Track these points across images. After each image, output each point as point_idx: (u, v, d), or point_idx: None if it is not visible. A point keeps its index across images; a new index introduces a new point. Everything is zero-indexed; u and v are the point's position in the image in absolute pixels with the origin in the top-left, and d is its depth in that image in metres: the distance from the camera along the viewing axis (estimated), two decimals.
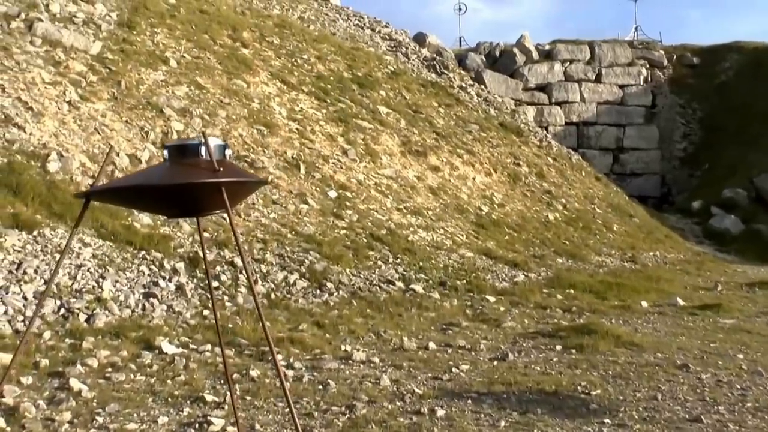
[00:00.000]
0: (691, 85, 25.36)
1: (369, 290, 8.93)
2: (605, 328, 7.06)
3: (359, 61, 17.44)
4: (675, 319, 8.84)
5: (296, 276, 8.56)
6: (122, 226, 7.77)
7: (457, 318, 8.15)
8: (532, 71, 24.18)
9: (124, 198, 3.37)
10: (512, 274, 11.38)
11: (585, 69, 24.74)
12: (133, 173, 3.69)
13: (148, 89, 10.35)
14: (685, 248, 17.62)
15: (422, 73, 19.77)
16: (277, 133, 11.98)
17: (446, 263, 10.82)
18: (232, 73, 12.70)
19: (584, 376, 5.54)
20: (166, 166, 3.11)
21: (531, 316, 8.69)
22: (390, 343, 6.62)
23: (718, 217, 19.47)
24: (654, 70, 25.53)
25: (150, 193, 3.09)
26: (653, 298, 10.37)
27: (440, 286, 9.74)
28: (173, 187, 2.99)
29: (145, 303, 6.70)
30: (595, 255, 14.39)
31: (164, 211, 3.71)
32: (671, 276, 13.24)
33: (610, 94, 24.74)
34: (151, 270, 7.32)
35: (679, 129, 24.70)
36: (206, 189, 2.99)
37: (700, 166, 23.44)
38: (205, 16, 13.92)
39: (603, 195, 18.98)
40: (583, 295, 10.28)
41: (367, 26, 21.17)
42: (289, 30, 16.57)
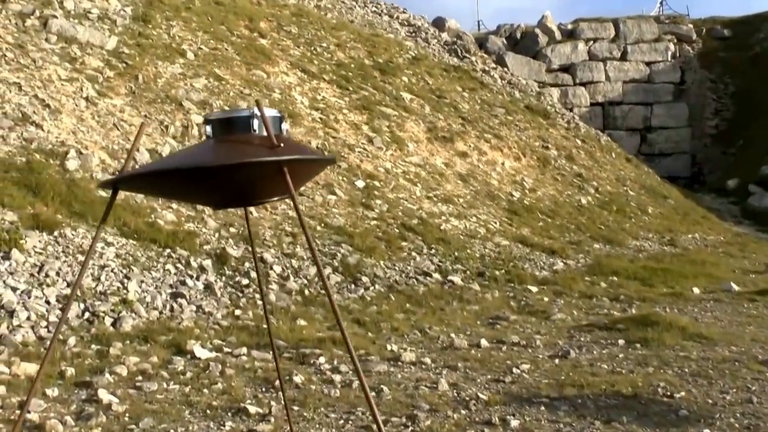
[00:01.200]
0: (722, 58, 24.68)
1: (406, 283, 8.55)
2: (668, 319, 6.61)
3: (379, 48, 17.04)
4: (734, 306, 8.38)
5: (329, 270, 8.20)
6: (145, 224, 7.44)
7: (502, 311, 7.76)
8: (555, 52, 23.66)
9: (159, 185, 2.83)
10: (551, 261, 10.96)
11: (610, 47, 24.17)
12: (167, 156, 3.17)
13: (166, 83, 10.01)
14: (724, 229, 17.11)
15: (444, 57, 19.33)
16: (301, 123, 11.61)
17: (482, 252, 10.43)
18: (251, 63, 12.34)
19: (659, 376, 5.11)
20: (209, 144, 2.68)
21: (578, 306, 8.27)
22: (437, 340, 6.23)
23: (757, 196, 18.91)
24: (682, 45, 24.89)
25: (192, 177, 2.59)
26: (703, 284, 9.91)
27: (479, 276, 9.34)
28: (221, 169, 2.50)
29: (173, 304, 6.36)
30: (633, 239, 13.94)
31: (208, 200, 3.09)
32: (716, 259, 12.76)
33: (637, 72, 24.16)
34: (177, 269, 6.98)
35: (710, 105, 24.06)
36: (264, 170, 2.55)
37: (734, 144, 22.81)
38: (220, 8, 13.56)
39: (635, 176, 18.48)
40: (629, 283, 9.85)
41: (385, 13, 20.75)
42: (306, 18, 16.18)
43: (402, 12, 21.25)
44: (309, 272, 7.99)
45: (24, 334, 5.28)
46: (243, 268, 7.50)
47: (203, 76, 10.75)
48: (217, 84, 10.83)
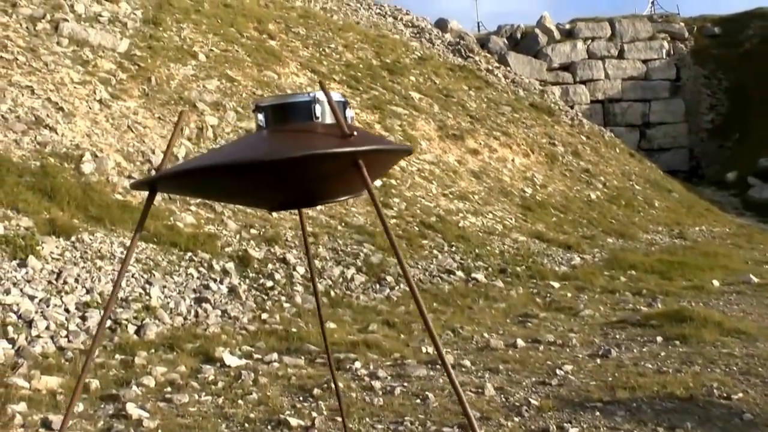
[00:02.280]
0: (714, 55, 24.25)
1: (430, 282, 8.08)
2: (702, 314, 6.12)
3: (386, 48, 16.56)
4: (758, 298, 7.91)
5: (353, 270, 7.72)
6: (164, 227, 6.96)
7: (529, 308, 7.28)
8: (555, 51, 23.20)
9: (205, 185, 2.33)
10: (568, 256, 10.49)
11: (607, 46, 23.72)
12: (211, 151, 2.61)
13: (178, 84, 9.52)
14: (727, 221, 16.65)
15: (448, 57, 18.85)
16: None
17: (501, 249, 9.96)
18: (262, 64, 11.86)
19: (708, 375, 4.63)
20: (262, 135, 2.20)
21: (603, 302, 7.80)
22: (471, 341, 5.76)
23: (757, 188, 18.46)
24: (675, 43, 24.45)
25: (246, 174, 2.11)
26: (720, 276, 9.43)
27: (501, 273, 8.87)
28: (284, 164, 2.02)
29: (197, 309, 5.87)
30: (643, 233, 13.47)
31: (263, 201, 2.54)
32: (726, 251, 12.28)
33: (634, 70, 23.70)
34: (200, 272, 6.50)
35: (705, 101, 23.63)
36: (335, 164, 2.08)
37: (730, 137, 22.38)
38: (229, 10, 13.07)
39: (639, 171, 18.02)
40: (648, 277, 9.36)
41: (389, 14, 20.27)
42: (313, 20, 15.70)
43: (405, 14, 20.78)
44: (333, 273, 7.51)
45: (43, 344, 4.79)
46: (266, 270, 7.03)
47: (215, 78, 10.26)
48: (229, 85, 10.34)
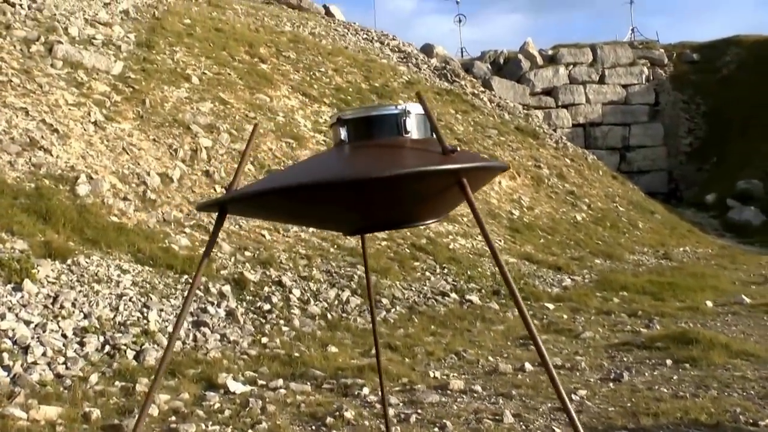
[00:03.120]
0: (692, 81, 24.43)
1: (425, 304, 7.89)
2: (707, 337, 5.98)
3: (375, 72, 16.47)
4: (754, 319, 7.79)
5: (348, 293, 7.52)
6: (160, 249, 6.75)
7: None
8: (538, 76, 23.24)
9: (282, 206, 2.10)
10: (558, 278, 10.35)
11: (588, 71, 23.81)
12: (287, 168, 2.38)
13: (173, 107, 9.33)
14: (709, 242, 16.62)
15: (435, 81, 18.80)
16: (306, 145, 10.98)
17: (492, 270, 9.79)
18: (254, 87, 11.71)
19: (728, 400, 4.46)
20: (345, 150, 2.02)
21: (600, 323, 7.65)
22: (477, 365, 5.58)
23: (736, 210, 18.48)
24: (655, 69, 24.60)
25: (331, 194, 1.90)
26: (711, 297, 9.32)
27: (494, 295, 8.71)
28: (378, 183, 1.81)
29: (196, 333, 5.65)
30: (629, 254, 13.38)
31: (344, 224, 2.25)
32: (713, 272, 12.19)
33: (615, 95, 23.80)
34: (196, 295, 6.28)
35: (683, 125, 23.75)
36: (435, 182, 1.90)
37: (708, 160, 22.47)
38: (221, 34, 12.94)
39: (622, 193, 17.98)
40: (640, 298, 9.24)
41: (376, 39, 20.21)
42: (303, 45, 15.59)
43: (392, 39, 20.73)
44: (329, 295, 7.32)
45: (41, 372, 4.56)
46: (263, 293, 6.82)
47: (209, 100, 10.09)
48: (222, 108, 10.17)
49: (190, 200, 7.81)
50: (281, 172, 2.52)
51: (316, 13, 20.43)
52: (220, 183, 8.50)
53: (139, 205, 7.19)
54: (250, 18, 15.62)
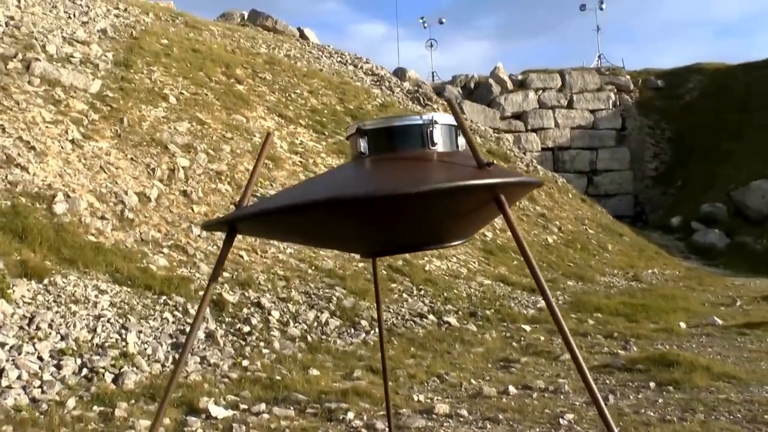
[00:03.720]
0: (657, 106, 24.78)
1: (404, 326, 7.79)
2: (688, 359, 5.94)
3: (349, 95, 16.43)
4: (728, 341, 7.80)
5: (327, 314, 7.40)
6: (138, 269, 6.57)
7: (508, 352, 7.05)
8: (508, 100, 23.40)
9: (297, 226, 1.93)
10: (533, 299, 10.31)
11: (557, 96, 24.03)
12: (301, 184, 2.19)
13: (150, 126, 9.17)
14: (676, 264, 16.75)
15: (408, 105, 18.81)
16: (282, 166, 10.86)
17: (468, 292, 9.74)
18: (231, 108, 11.58)
19: (716, 423, 4.40)
20: (365, 165, 1.88)
21: (578, 345, 7.54)
22: (460, 388, 5.48)
23: (701, 232, 18.67)
24: (621, 95, 24.91)
25: (352, 212, 1.74)
26: (684, 318, 9.34)
27: (471, 317, 8.64)
28: (404, 199, 1.67)
29: (175, 355, 5.49)
30: (600, 276, 13.42)
31: (362, 245, 2.06)
32: (682, 293, 12.25)
33: (582, 119, 24.03)
34: (175, 317, 6.11)
35: (649, 149, 24.04)
36: (469, 199, 1.77)
37: (673, 184, 22.74)
38: (198, 55, 12.80)
39: (591, 216, 18.09)
40: (614, 319, 9.22)
41: (350, 62, 20.20)
42: (278, 66, 15.51)
43: (365, 62, 20.74)
44: (308, 317, 7.18)
45: (16, 396, 4.37)
46: (242, 314, 6.67)
47: (186, 120, 9.94)
48: (200, 128, 10.03)
49: (168, 220, 7.65)
50: (294, 188, 2.35)
51: (290, 36, 20.39)
52: (198, 203, 8.35)
53: (117, 224, 7.01)
54: (226, 39, 15.52)
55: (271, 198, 2.13)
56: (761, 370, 6.11)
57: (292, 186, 2.39)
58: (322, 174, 2.19)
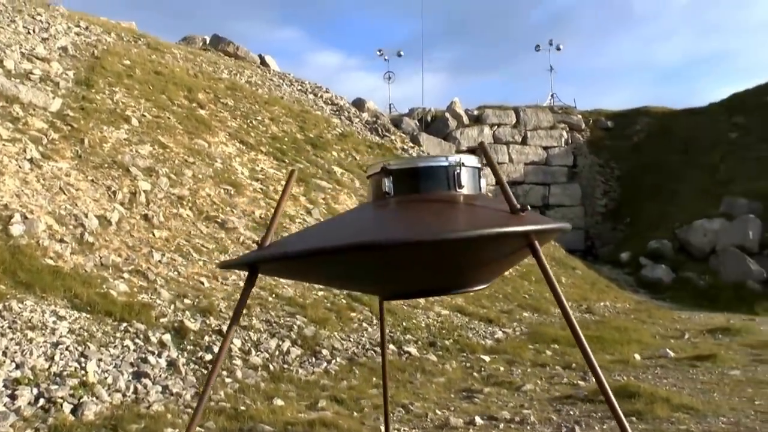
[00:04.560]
0: (607, 146, 25.25)
1: (365, 355, 7.65)
2: (647, 390, 5.96)
3: (309, 123, 16.33)
4: (681, 372, 7.87)
5: (288, 343, 7.23)
6: (98, 295, 6.32)
7: (469, 382, 6.97)
8: (464, 134, 23.59)
9: (320, 268, 1.83)
10: (490, 330, 10.28)
11: (512, 132, 24.31)
12: (318, 226, 2.06)
13: (112, 148, 8.93)
14: (626, 297, 16.93)
15: (367, 135, 18.79)
16: (243, 192, 10.68)
17: (427, 322, 9.65)
18: (193, 132, 11.38)
19: None
20: (391, 206, 1.77)
21: (537, 376, 7.57)
22: (426, 418, 5.36)
23: (649, 267, 18.97)
24: (573, 133, 25.32)
25: (383, 256, 1.64)
26: (637, 350, 9.42)
27: (431, 346, 8.55)
28: (438, 245, 1.58)
29: (136, 384, 5.26)
30: (555, 307, 13.44)
31: (384, 288, 2.02)
32: (634, 326, 12.36)
33: (536, 155, 24.34)
34: (136, 344, 5.88)
35: (599, 187, 24.43)
36: (501, 245, 1.67)
37: (622, 221, 23.13)
38: (160, 77, 12.59)
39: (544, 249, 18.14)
40: (572, 350, 9.21)
41: (310, 91, 20.14)
42: (240, 93, 15.36)
43: (325, 91, 20.70)
44: (269, 345, 7.00)
45: None
46: (203, 342, 6.45)
47: (148, 143, 9.71)
48: (161, 151, 9.81)
49: (129, 244, 7.40)
50: (316, 229, 2.22)
51: (252, 62, 20.27)
52: (159, 227, 8.12)
53: (76, 247, 6.75)
54: (188, 63, 15.32)
55: (294, 240, 2.00)
56: (715, 401, 6.15)
57: (313, 226, 2.25)
58: (343, 214, 2.08)
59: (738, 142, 22.97)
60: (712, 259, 18.31)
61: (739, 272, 17.23)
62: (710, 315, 14.87)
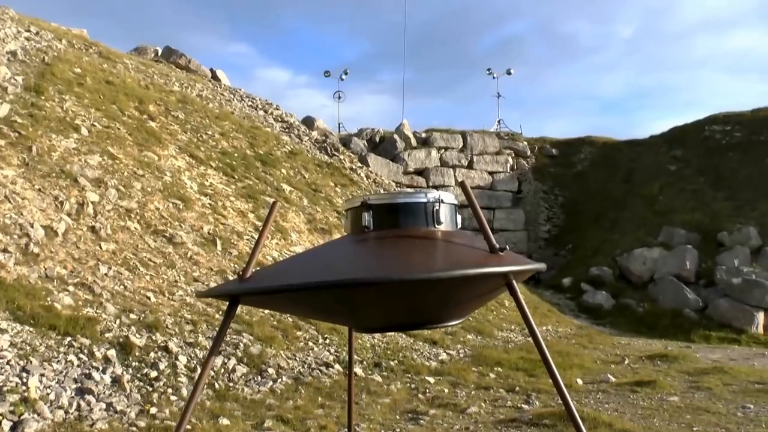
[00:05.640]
0: (552, 173, 25.77)
1: (311, 375, 7.64)
2: (591, 415, 6.10)
3: (259, 140, 16.27)
4: (622, 397, 8.05)
5: (234, 361, 7.17)
6: (42, 308, 6.18)
7: (414, 404, 7.01)
8: (411, 156, 23.77)
9: (300, 302, 1.85)
10: (435, 352, 10.36)
11: (458, 156, 24.61)
12: (297, 258, 2.06)
13: (60, 157, 8.76)
14: (567, 322, 17.24)
15: (316, 153, 18.81)
16: (192, 207, 10.57)
17: (372, 342, 9.68)
18: (143, 144, 11.23)
19: None
20: (370, 242, 1.79)
21: (481, 398, 7.67)
22: None
23: (590, 293, 19.36)
24: (519, 159, 25.78)
25: (364, 293, 1.67)
26: (579, 375, 9.61)
27: (376, 367, 8.59)
28: (417, 284, 1.61)
29: (80, 401, 5.15)
30: (498, 330, 13.63)
31: (363, 322, 2.03)
32: (575, 350, 12.61)
33: (481, 180, 24.67)
34: (80, 359, 5.76)
35: (543, 213, 24.88)
36: (479, 285, 1.71)
37: (564, 247, 23.57)
38: (111, 87, 12.41)
39: None
40: (515, 374, 9.37)
41: (260, 107, 20.08)
42: (191, 106, 15.22)
43: (276, 108, 20.66)
44: (215, 363, 6.93)
45: None
46: (149, 358, 6.36)
47: (97, 154, 9.55)
48: (111, 162, 9.65)
49: (75, 256, 7.26)
50: (295, 261, 2.22)
51: (203, 76, 20.12)
52: (106, 240, 7.98)
53: (21, 258, 6.59)
54: (140, 74, 15.13)
55: (275, 272, 2.02)
56: (656, 427, 6.33)
57: (290, 258, 2.27)
58: (322, 247, 2.10)
59: (677, 174, 23.71)
60: (651, 287, 18.80)
61: (676, 300, 17.73)
62: (649, 341, 15.26)
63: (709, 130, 25.28)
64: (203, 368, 1.96)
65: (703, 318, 17.08)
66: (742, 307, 16.66)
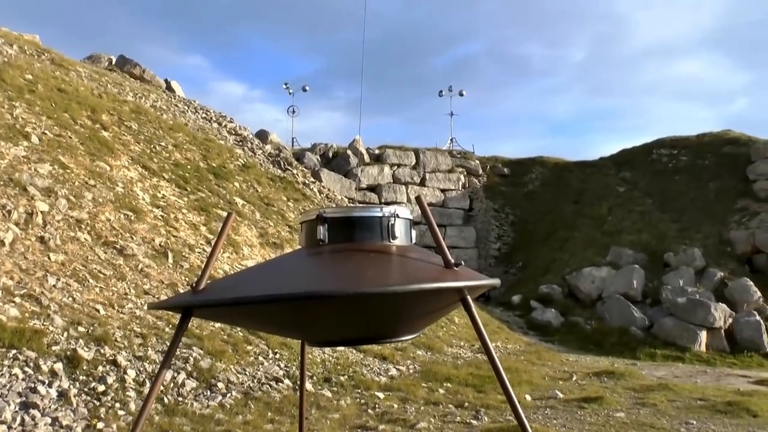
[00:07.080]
0: (503, 192, 26.16)
1: (260, 389, 7.62)
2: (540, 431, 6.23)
3: (213, 153, 16.19)
4: (569, 414, 8.22)
5: (183, 375, 7.12)
6: None
7: (364, 419, 7.05)
8: (364, 172, 23.90)
9: (254, 315, 1.88)
10: (384, 367, 10.41)
11: (411, 173, 24.83)
12: (251, 270, 2.07)
13: (9, 165, 8.61)
14: (516, 339, 17.46)
15: (269, 167, 18.78)
16: (144, 219, 10.47)
17: (322, 357, 9.69)
18: (95, 154, 11.09)
19: None
20: (324, 256, 1.83)
21: (431, 414, 7.74)
22: None
23: (539, 311, 19.66)
24: (471, 178, 26.11)
25: (319, 307, 1.69)
26: (527, 391, 9.78)
27: (326, 382, 8.60)
28: (371, 298, 1.65)
29: (24, 416, 5.07)
30: (448, 347, 13.75)
31: (318, 335, 2.03)
32: (524, 366, 12.80)
33: (434, 197, 24.92)
34: (25, 373, 5.67)
35: (493, 231, 25.21)
36: (434, 299, 1.76)
37: (514, 265, 23.91)
38: (63, 95, 12.24)
39: None
40: (464, 389, 9.48)
41: (214, 120, 19.98)
42: (145, 117, 15.09)
43: (229, 121, 20.58)
44: (164, 377, 6.87)
45: None
46: (96, 372, 6.28)
47: (48, 162, 9.41)
48: (62, 172, 9.52)
49: (22, 267, 7.14)
50: (250, 275, 2.25)
51: (157, 87, 19.96)
52: (55, 251, 7.86)
53: None
54: (93, 83, 14.95)
55: (229, 285, 2.05)
56: None
57: (244, 271, 2.29)
58: (276, 259, 2.13)
59: (625, 196, 24.29)
60: (599, 305, 19.18)
61: (623, 319, 18.12)
62: (596, 358, 15.57)
63: (656, 153, 25.99)
64: (154, 381, 1.98)
65: (649, 336, 17.50)
66: (686, 325, 17.12)
